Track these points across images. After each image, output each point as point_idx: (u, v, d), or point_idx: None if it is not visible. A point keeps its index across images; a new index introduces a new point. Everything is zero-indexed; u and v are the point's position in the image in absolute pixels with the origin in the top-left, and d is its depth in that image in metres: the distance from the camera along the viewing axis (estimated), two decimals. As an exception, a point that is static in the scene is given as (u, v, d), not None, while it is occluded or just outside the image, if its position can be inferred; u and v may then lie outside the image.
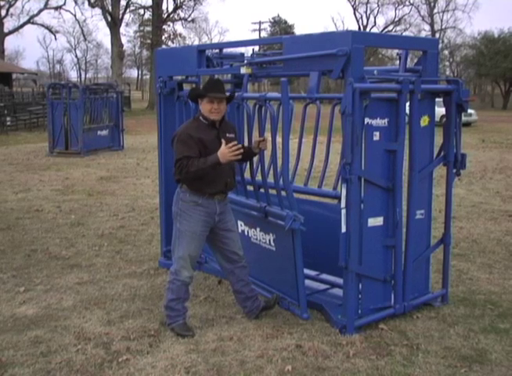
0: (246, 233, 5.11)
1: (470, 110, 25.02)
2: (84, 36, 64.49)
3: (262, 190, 4.82)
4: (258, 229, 4.97)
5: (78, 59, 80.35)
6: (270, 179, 4.84)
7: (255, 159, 4.84)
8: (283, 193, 4.57)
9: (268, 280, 5.07)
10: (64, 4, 48.75)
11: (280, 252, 4.74)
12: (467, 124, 26.22)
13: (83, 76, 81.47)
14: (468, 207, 9.03)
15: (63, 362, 3.93)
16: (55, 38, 69.63)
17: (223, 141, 4.18)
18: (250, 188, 5.02)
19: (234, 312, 4.78)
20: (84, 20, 77.93)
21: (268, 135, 4.61)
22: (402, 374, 3.79)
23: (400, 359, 3.97)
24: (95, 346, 4.17)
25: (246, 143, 4.93)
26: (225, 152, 4.11)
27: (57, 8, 49.25)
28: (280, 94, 4.33)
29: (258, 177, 4.96)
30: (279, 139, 4.49)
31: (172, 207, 4.47)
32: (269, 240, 4.85)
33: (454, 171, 4.81)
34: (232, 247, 4.51)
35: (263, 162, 4.78)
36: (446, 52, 61.02)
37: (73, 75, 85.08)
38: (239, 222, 5.09)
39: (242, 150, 4.20)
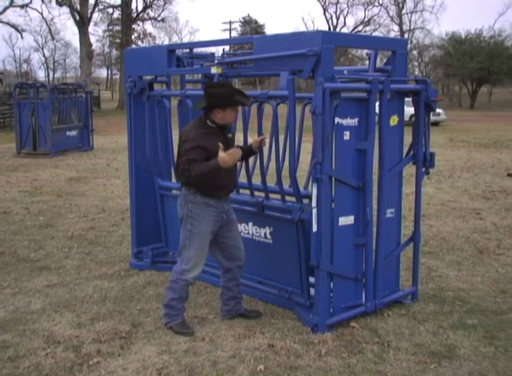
0: None
1: (438, 110, 25.36)
2: (51, 35, 63.24)
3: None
4: (251, 224, 4.99)
5: (46, 59, 78.99)
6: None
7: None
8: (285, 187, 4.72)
9: (262, 273, 5.06)
10: (30, 2, 47.80)
11: (279, 244, 4.79)
12: (436, 124, 26.59)
13: (51, 76, 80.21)
14: (437, 206, 9.16)
15: (32, 366, 3.86)
16: (22, 37, 68.01)
17: (220, 145, 4.15)
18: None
19: (206, 313, 4.77)
20: (52, 19, 76.62)
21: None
22: (374, 371, 3.82)
23: (371, 357, 4.00)
24: (65, 349, 4.11)
25: (241, 142, 4.92)
26: (226, 158, 4.09)
27: (23, 6, 48.16)
28: (278, 92, 4.39)
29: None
30: (254, 138, 4.52)
31: (178, 211, 4.44)
32: (265, 234, 4.88)
33: (423, 169, 4.86)
34: (235, 241, 4.54)
35: (262, 159, 4.84)
36: (415, 52, 61.88)
37: (40, 75, 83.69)
38: None
39: (241, 153, 4.27)
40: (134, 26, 45.86)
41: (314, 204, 4.24)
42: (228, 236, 4.51)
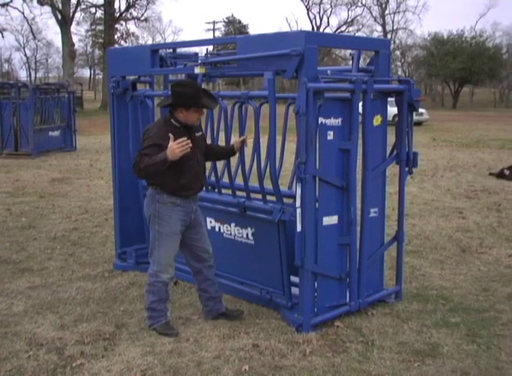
0: (217, 229, 5.11)
1: (421, 110, 25.54)
2: (33, 34, 62.67)
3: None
4: (233, 225, 4.98)
5: (28, 58, 78.23)
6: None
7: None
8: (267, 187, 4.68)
9: (244, 274, 5.06)
10: (11, 1, 47.22)
11: (261, 245, 4.78)
12: (419, 124, 26.81)
13: (33, 75, 79.38)
14: (420, 205, 9.23)
15: (14, 369, 3.82)
16: (3, 36, 66.84)
17: (171, 136, 4.07)
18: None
19: (190, 313, 4.75)
20: (33, 18, 75.93)
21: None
22: (358, 370, 3.84)
23: (356, 356, 4.02)
24: (48, 352, 4.07)
25: (222, 142, 4.91)
26: (173, 147, 3.99)
27: (4, 5, 47.58)
28: (259, 92, 4.37)
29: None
30: (236, 139, 4.50)
31: (145, 211, 4.43)
32: (247, 234, 4.87)
33: (406, 169, 4.89)
34: (202, 243, 4.50)
35: (243, 159, 4.83)
36: (398, 52, 62.38)
37: (22, 74, 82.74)
38: (209, 219, 5.09)
39: (190, 144, 4.08)
40: (117, 25, 45.60)
41: (298, 203, 4.24)
42: (196, 238, 4.48)
